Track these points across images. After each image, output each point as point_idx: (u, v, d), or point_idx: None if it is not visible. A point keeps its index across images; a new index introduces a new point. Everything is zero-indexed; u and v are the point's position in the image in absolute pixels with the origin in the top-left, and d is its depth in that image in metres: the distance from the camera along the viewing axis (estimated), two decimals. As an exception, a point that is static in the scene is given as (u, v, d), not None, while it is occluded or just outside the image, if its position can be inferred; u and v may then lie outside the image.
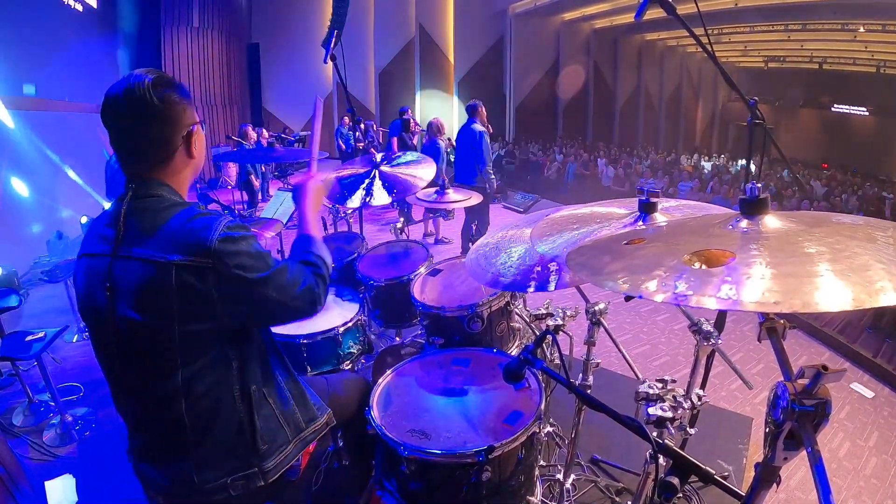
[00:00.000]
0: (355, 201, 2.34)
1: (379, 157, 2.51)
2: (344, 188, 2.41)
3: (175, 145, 1.09)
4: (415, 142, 7.53)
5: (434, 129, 5.89)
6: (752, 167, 1.93)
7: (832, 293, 0.67)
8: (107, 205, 1.39)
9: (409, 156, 2.66)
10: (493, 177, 5.25)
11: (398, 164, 2.54)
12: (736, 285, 0.73)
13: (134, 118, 1.05)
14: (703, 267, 0.81)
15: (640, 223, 1.38)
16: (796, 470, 2.46)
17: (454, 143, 6.91)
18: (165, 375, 1.08)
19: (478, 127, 5.11)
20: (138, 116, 1.05)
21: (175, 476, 1.15)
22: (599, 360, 1.79)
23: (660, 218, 1.40)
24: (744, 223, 0.92)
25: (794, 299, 0.67)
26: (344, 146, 9.50)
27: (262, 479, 1.17)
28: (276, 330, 1.31)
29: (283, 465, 1.21)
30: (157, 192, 1.09)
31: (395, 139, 7.54)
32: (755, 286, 0.72)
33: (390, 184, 2.39)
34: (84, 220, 4.99)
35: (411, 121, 7.38)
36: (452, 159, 6.56)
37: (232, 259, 1.04)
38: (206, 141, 1.20)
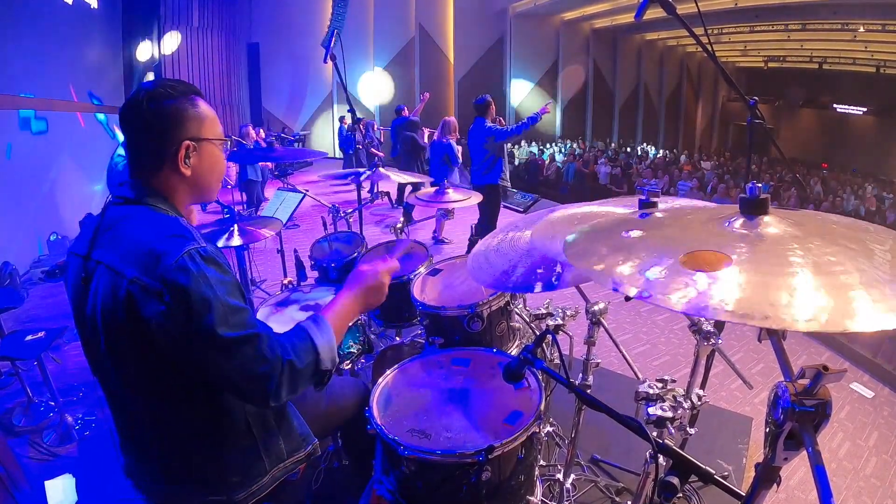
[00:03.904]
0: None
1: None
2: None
3: (163, 157, 1.06)
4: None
5: (448, 129, 5.64)
6: (753, 167, 1.94)
7: (803, 309, 0.67)
8: None
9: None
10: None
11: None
12: (707, 290, 0.73)
13: (128, 126, 1.08)
14: (692, 268, 0.80)
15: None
16: (796, 470, 2.46)
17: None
18: (125, 390, 1.07)
19: (489, 124, 4.84)
20: (131, 125, 1.07)
21: (157, 485, 1.17)
22: (599, 360, 1.78)
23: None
24: (739, 223, 0.89)
25: (760, 310, 0.67)
26: (344, 148, 9.40)
27: None
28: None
29: (257, 494, 1.18)
30: (145, 199, 1.07)
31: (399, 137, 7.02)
32: (725, 291, 0.72)
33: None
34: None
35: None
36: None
37: (181, 292, 0.93)
38: (215, 162, 1.13)
